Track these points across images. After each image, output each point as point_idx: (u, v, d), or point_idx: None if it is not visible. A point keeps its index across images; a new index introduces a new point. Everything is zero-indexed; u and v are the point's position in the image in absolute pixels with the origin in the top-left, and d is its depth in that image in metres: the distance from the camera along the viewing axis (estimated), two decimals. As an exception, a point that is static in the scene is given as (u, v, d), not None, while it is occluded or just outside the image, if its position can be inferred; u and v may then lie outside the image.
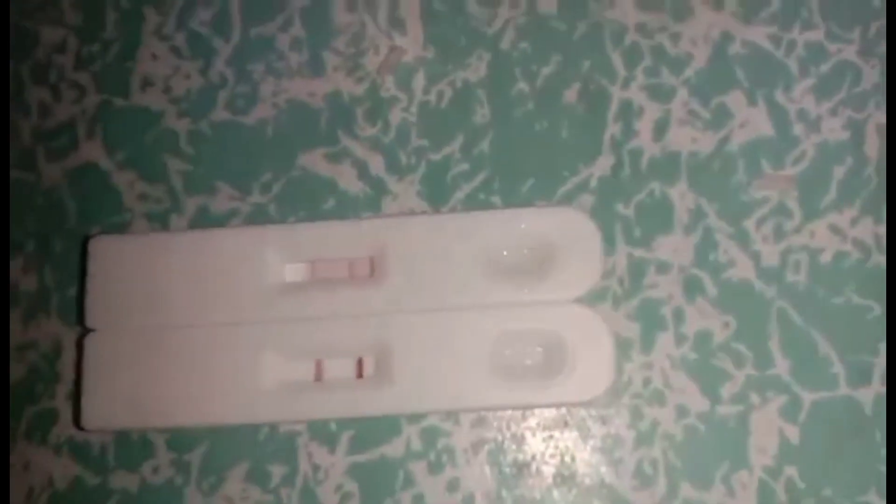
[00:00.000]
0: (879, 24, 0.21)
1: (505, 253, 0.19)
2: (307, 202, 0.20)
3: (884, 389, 0.19)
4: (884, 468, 0.19)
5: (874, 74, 0.21)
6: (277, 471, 0.19)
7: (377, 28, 0.21)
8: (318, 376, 0.19)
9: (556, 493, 0.19)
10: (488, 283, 0.19)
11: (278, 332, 0.19)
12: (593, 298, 0.19)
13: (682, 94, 0.21)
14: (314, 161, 0.21)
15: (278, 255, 0.19)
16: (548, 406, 0.19)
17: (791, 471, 0.19)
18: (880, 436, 0.19)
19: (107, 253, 0.19)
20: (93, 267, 0.19)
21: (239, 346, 0.19)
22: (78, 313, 0.19)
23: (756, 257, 0.20)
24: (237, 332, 0.19)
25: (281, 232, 0.20)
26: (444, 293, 0.19)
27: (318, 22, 0.21)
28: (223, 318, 0.19)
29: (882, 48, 0.21)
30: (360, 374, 0.19)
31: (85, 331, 0.19)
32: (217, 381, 0.19)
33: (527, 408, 0.19)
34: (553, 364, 0.18)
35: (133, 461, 0.19)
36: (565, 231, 0.19)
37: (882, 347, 0.19)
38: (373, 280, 0.19)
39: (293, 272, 0.19)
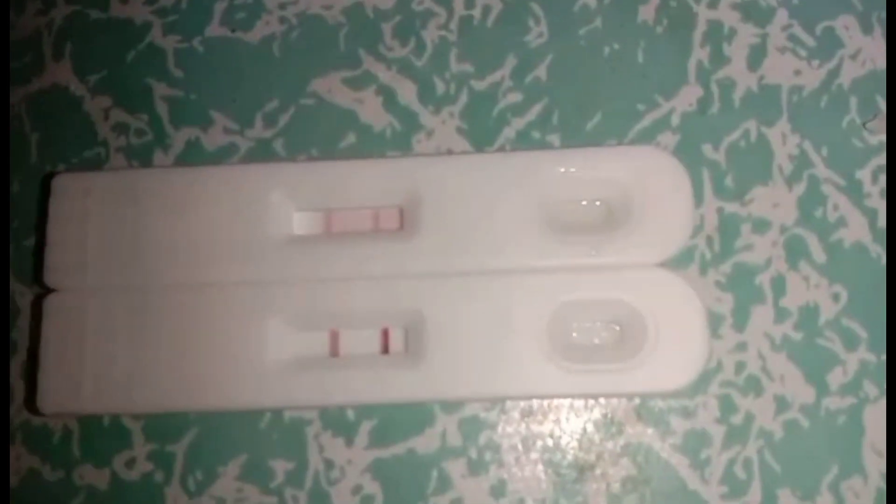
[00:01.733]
0: None
1: (567, 205, 0.15)
2: (321, 138, 0.17)
3: None
4: None
5: None
6: (281, 467, 0.16)
7: (409, -74, 0.17)
8: (334, 351, 0.16)
9: (625, 502, 0.15)
10: (546, 240, 0.15)
11: (285, 296, 0.15)
12: (675, 263, 0.15)
13: (782, 15, 0.17)
14: (330, 87, 0.17)
15: (286, 202, 0.15)
16: (619, 396, 0.15)
17: (912, 479, 0.15)
18: None
19: (74, 194, 0.16)
20: (55, 211, 0.15)
21: (237, 313, 0.15)
22: (35, 270, 0.16)
23: (872, 215, 0.16)
24: (235, 295, 0.15)
25: (289, 172, 0.16)
26: (489, 253, 0.15)
27: (338, -84, 0.17)
28: (218, 277, 0.15)
29: None
30: (385, 350, 0.16)
31: (44, 291, 0.15)
32: (209, 356, 0.15)
33: (593, 397, 0.15)
34: (628, 344, 0.15)
35: (103, 453, 0.16)
36: (645, 177, 0.15)
37: None
38: (402, 234, 0.15)
39: (304, 223, 0.16)
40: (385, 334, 0.16)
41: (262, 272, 0.15)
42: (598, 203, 0.16)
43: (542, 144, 0.16)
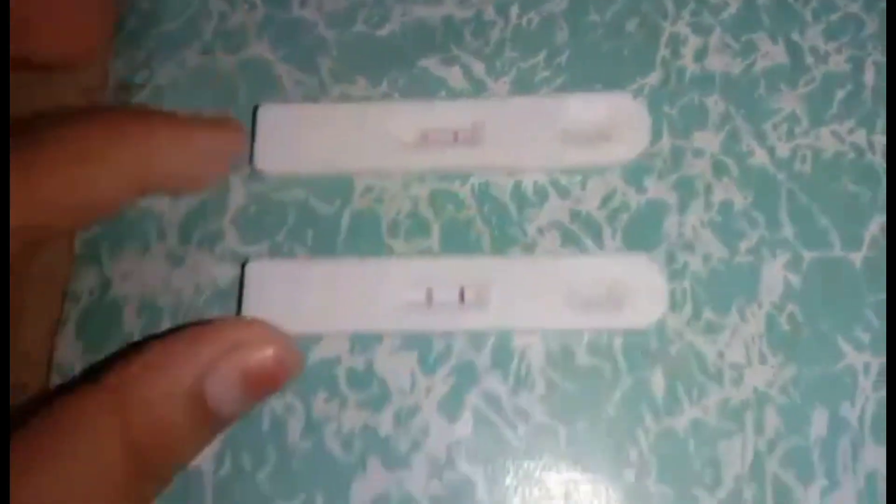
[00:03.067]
0: (879, -12, 0.27)
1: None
2: (423, 91, 0.27)
3: (871, 254, 0.24)
4: (869, 312, 0.24)
5: (874, 25, 0.27)
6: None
7: (485, -30, 0.28)
8: (429, 301, 0.24)
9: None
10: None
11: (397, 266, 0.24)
12: (640, 170, 0.25)
13: (719, 31, 0.27)
14: (431, 64, 0.27)
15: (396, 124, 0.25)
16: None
17: (793, 307, 0.24)
18: (865, 286, 0.24)
19: (275, 119, 0.26)
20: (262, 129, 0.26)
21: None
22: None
23: (772, 151, 0.25)
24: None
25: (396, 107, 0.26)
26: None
27: (441, -37, 0.28)
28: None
29: (882, 4, 0.27)
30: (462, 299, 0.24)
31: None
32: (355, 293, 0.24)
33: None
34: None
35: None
36: (616, 115, 0.25)
37: (870, 223, 0.25)
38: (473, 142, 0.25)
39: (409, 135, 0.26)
40: (462, 291, 0.24)
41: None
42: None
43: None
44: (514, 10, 0.27)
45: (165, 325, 0.25)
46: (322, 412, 0.23)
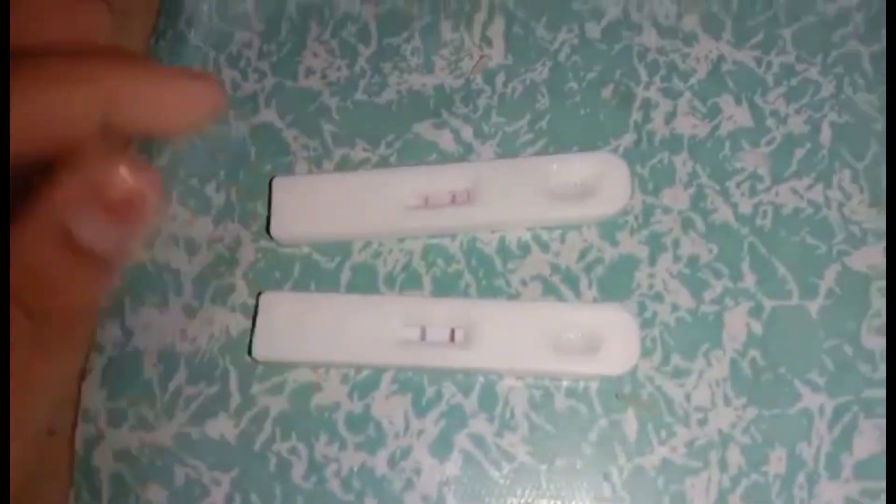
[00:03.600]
0: (837, 53, 0.30)
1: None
2: (417, 155, 0.29)
3: (828, 303, 0.26)
4: (825, 357, 0.26)
5: (830, 87, 0.29)
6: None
7: (472, 42, 0.30)
8: (423, 338, 0.26)
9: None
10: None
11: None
12: (614, 226, 0.27)
13: (687, 95, 0.29)
14: (424, 129, 0.29)
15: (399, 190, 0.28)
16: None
17: (754, 353, 0.26)
18: (823, 333, 0.26)
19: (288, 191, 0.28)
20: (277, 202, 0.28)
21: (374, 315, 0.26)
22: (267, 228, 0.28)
23: (735, 207, 0.28)
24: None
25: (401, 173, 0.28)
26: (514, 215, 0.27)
27: (432, 36, 0.30)
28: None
29: (839, 69, 0.29)
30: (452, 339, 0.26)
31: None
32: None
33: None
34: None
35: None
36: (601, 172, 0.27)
37: (826, 273, 0.27)
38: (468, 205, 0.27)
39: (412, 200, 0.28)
40: (452, 332, 0.26)
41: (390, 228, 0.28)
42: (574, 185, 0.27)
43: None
44: (500, 80, 0.30)
45: (182, 372, 0.27)
46: (323, 454, 0.26)
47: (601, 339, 0.26)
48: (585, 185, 0.27)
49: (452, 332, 0.26)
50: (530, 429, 0.26)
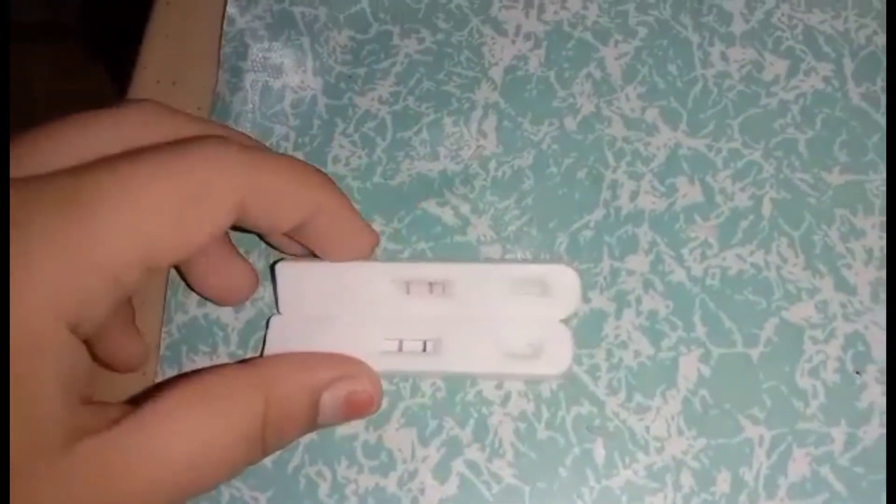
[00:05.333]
0: (778, 139, 0.35)
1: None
2: (424, 228, 0.35)
3: (767, 350, 0.31)
4: (764, 395, 0.31)
5: (770, 168, 0.35)
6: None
7: (470, 135, 0.37)
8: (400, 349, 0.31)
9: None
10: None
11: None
12: (588, 287, 0.33)
13: (649, 176, 0.35)
14: (429, 206, 0.36)
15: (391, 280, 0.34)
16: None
17: (704, 392, 0.31)
18: (762, 376, 0.31)
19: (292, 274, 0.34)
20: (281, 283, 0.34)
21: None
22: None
23: (689, 270, 0.33)
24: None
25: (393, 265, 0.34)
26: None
27: (437, 130, 0.37)
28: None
29: (779, 152, 0.35)
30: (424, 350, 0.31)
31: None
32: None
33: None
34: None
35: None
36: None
37: (766, 324, 0.32)
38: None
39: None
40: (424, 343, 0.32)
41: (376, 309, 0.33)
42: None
43: (528, 234, 0.34)
44: (493, 165, 0.36)
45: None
46: (344, 476, 0.31)
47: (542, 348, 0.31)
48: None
49: (425, 343, 0.32)
50: (515, 455, 0.31)
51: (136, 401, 0.22)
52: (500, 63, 0.37)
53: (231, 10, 0.39)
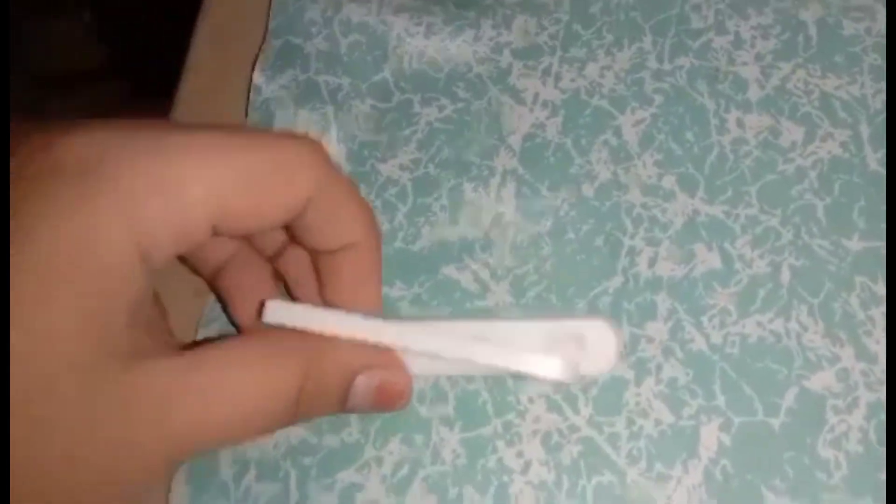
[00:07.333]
0: (794, 206, 0.36)
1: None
2: (444, 293, 0.36)
3: (788, 420, 0.31)
4: (786, 465, 0.31)
5: (788, 234, 0.35)
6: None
7: (490, 200, 0.37)
8: None
9: (579, 466, 0.32)
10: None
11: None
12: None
13: (667, 243, 0.35)
14: (449, 271, 0.36)
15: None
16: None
17: (725, 462, 0.31)
18: (784, 445, 0.31)
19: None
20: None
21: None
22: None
23: (708, 337, 0.33)
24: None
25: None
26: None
27: (456, 196, 0.37)
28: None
29: (796, 219, 0.35)
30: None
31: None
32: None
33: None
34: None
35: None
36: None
37: (787, 393, 0.32)
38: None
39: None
40: None
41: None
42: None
43: (547, 301, 0.35)
44: (512, 231, 0.37)
45: (251, 472, 0.33)
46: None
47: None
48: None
49: None
50: (536, 526, 0.31)
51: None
52: (519, 131, 0.38)
53: (258, 79, 0.40)
